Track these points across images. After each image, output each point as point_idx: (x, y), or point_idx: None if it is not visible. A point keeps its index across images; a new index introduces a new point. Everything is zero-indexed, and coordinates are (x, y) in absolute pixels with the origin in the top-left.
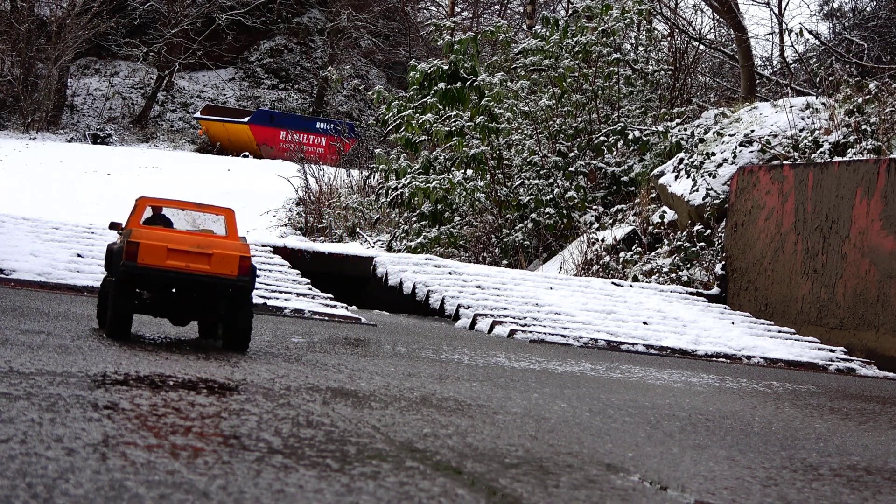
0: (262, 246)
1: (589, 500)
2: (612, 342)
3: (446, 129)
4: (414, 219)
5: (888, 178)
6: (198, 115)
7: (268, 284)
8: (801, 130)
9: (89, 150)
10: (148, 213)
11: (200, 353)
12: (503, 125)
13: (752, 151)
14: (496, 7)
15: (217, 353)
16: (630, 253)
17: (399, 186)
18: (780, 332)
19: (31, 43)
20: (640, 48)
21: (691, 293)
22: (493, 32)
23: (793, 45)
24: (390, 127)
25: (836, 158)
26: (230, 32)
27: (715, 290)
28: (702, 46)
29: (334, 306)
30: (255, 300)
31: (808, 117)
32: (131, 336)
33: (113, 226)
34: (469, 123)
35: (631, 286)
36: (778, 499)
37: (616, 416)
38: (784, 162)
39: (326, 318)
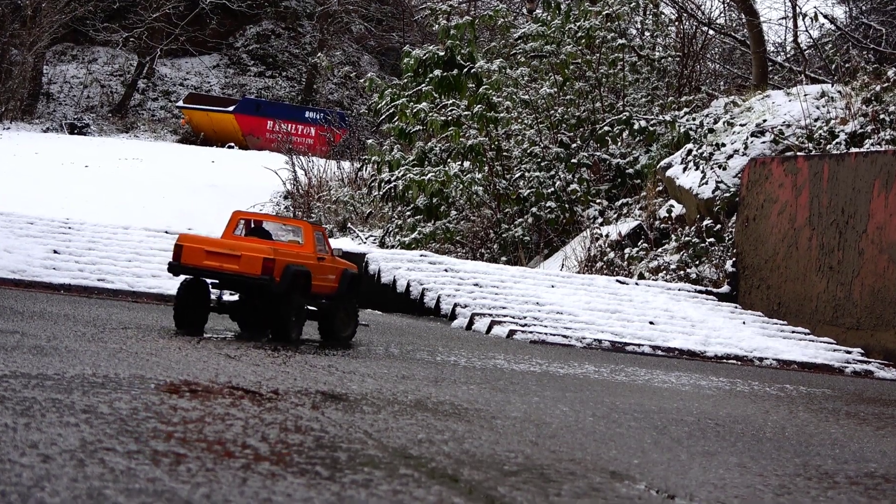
0: None
1: None
2: (616, 343)
3: (442, 118)
4: (408, 213)
5: None
6: (180, 103)
7: None
8: (815, 120)
9: (66, 141)
10: (250, 225)
11: (182, 355)
12: (502, 114)
13: (764, 142)
14: None
15: (199, 355)
16: (636, 249)
17: (392, 179)
18: (793, 332)
19: (4, 28)
20: (647, 33)
21: (700, 291)
22: (491, 17)
23: (807, 30)
24: (383, 116)
25: (853, 149)
26: (214, 17)
27: (725, 289)
28: (711, 31)
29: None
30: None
31: (824, 106)
32: (202, 331)
33: None
34: (466, 113)
35: (636, 284)
36: None
37: (621, 421)
38: (798, 153)
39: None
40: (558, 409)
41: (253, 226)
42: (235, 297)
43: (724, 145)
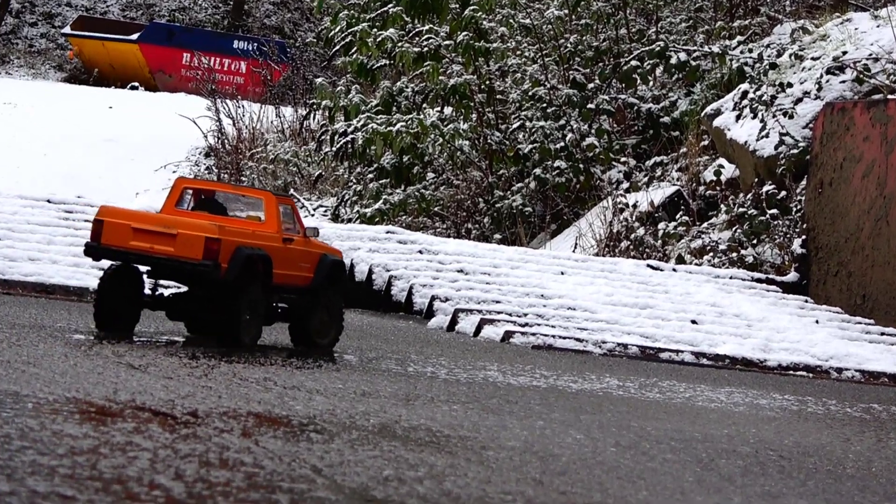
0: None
1: None
2: (647, 349)
3: (416, 49)
4: (370, 175)
5: None
6: (67, 30)
7: None
8: None
9: None
10: (199, 196)
11: (69, 364)
12: (495, 45)
13: (843, 81)
14: None
15: (92, 364)
16: (673, 224)
17: (349, 130)
18: (882, 334)
19: None
20: None
21: (759, 280)
22: None
23: None
24: (337, 48)
25: None
26: None
27: (792, 276)
28: None
29: None
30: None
31: None
32: (131, 332)
33: None
34: (448, 42)
35: (674, 270)
36: None
37: (653, 453)
38: (889, 96)
39: None
40: (570, 437)
41: (203, 197)
42: (184, 289)
43: (790, 86)
